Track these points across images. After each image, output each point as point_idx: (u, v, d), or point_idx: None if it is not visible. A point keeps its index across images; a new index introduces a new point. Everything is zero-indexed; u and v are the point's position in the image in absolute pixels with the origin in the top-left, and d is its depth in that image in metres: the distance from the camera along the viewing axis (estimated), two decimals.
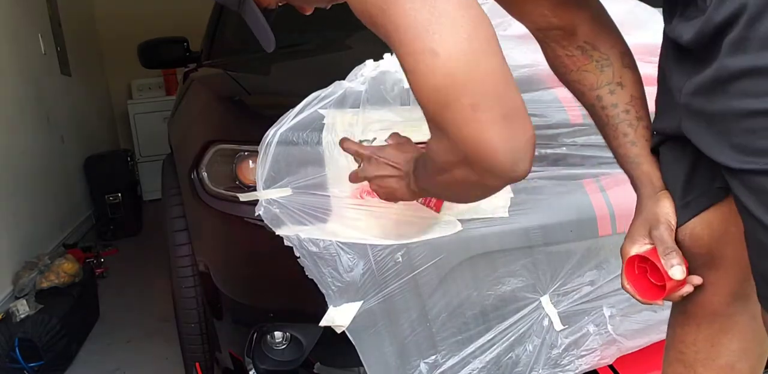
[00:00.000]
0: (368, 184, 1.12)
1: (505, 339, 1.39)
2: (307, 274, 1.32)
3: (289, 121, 1.33)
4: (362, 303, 1.33)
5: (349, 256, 1.30)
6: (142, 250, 3.80)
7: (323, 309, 1.34)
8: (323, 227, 1.31)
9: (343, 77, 1.40)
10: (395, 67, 1.36)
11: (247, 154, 1.42)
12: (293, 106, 1.35)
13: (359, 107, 1.31)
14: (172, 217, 1.71)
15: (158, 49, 2.79)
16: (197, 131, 1.69)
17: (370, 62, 1.38)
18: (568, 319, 1.42)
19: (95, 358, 2.42)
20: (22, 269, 2.66)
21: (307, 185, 1.31)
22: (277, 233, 1.31)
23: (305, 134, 1.32)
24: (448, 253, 1.31)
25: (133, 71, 4.59)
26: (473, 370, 1.40)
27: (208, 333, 1.70)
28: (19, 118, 3.26)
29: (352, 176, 1.14)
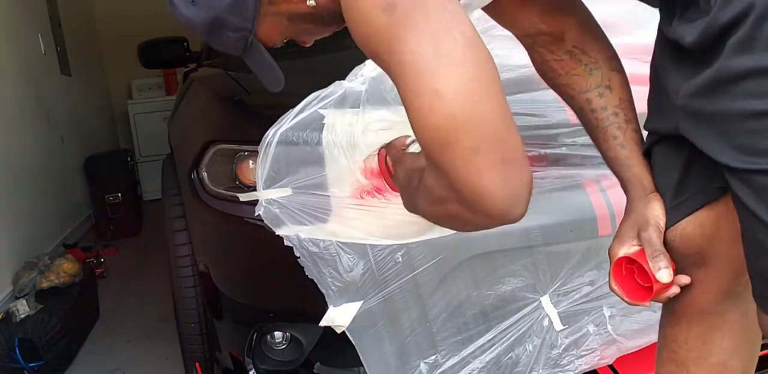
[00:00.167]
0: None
1: (505, 339, 1.39)
2: (307, 274, 1.32)
3: (289, 121, 1.33)
4: (362, 303, 1.33)
5: (349, 256, 1.30)
6: (142, 250, 3.80)
7: (323, 309, 1.34)
8: (323, 227, 1.31)
9: (343, 77, 1.39)
10: None
11: (247, 154, 1.42)
12: (293, 106, 1.35)
13: (359, 107, 1.31)
14: (172, 217, 1.71)
15: (158, 49, 2.79)
16: (197, 131, 1.69)
17: (370, 62, 1.38)
18: (568, 319, 1.42)
19: (95, 358, 2.42)
20: (22, 269, 2.66)
21: (307, 185, 1.31)
22: (277, 233, 1.31)
23: (305, 134, 1.32)
24: (448, 253, 1.31)
25: (133, 71, 4.59)
26: (473, 370, 1.40)
27: (208, 333, 1.70)
28: (19, 118, 3.25)
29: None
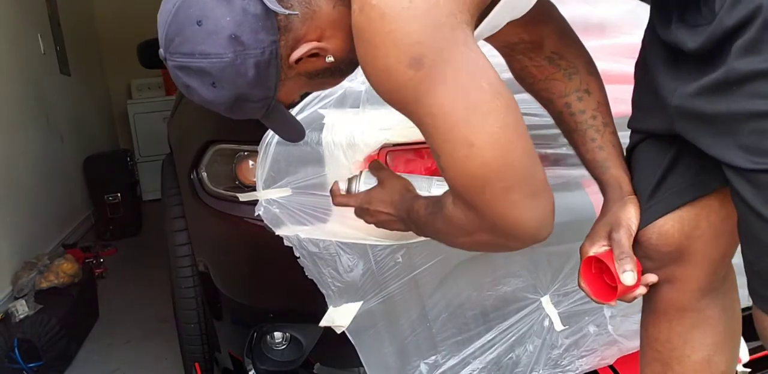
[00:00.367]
0: None
1: (505, 339, 1.39)
2: (306, 274, 1.31)
3: None
4: (362, 303, 1.33)
5: (349, 256, 1.30)
6: (141, 250, 3.79)
7: (323, 309, 1.34)
8: (323, 227, 1.30)
9: None
10: None
11: (246, 154, 1.42)
12: (293, 106, 1.35)
13: (359, 107, 1.31)
14: (171, 217, 1.71)
15: (158, 48, 2.78)
16: (197, 131, 1.68)
17: None
18: (568, 319, 1.42)
19: (95, 358, 2.41)
20: (21, 270, 2.66)
21: (306, 185, 1.30)
22: (276, 234, 1.31)
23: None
24: (448, 253, 1.30)
25: (132, 71, 4.58)
26: (473, 370, 1.40)
27: (207, 333, 1.70)
28: (18, 118, 3.25)
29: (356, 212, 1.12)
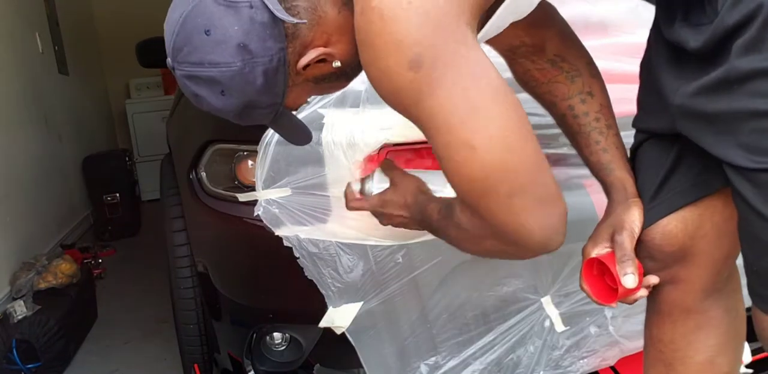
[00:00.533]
0: None
1: (506, 340, 1.39)
2: (306, 275, 1.31)
3: None
4: (362, 304, 1.33)
5: (349, 257, 1.30)
6: (140, 251, 3.78)
7: (323, 309, 1.34)
8: (323, 228, 1.30)
9: None
10: None
11: (246, 154, 1.41)
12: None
13: (359, 107, 1.30)
14: (170, 217, 1.70)
15: (157, 48, 2.76)
16: (196, 131, 1.68)
17: None
18: (569, 320, 1.41)
19: (93, 359, 2.41)
20: (19, 270, 2.65)
21: (306, 185, 1.30)
22: (276, 234, 1.30)
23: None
24: (448, 254, 1.30)
25: (131, 70, 4.57)
26: (474, 371, 1.40)
27: (206, 334, 1.69)
28: (16, 117, 3.24)
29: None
